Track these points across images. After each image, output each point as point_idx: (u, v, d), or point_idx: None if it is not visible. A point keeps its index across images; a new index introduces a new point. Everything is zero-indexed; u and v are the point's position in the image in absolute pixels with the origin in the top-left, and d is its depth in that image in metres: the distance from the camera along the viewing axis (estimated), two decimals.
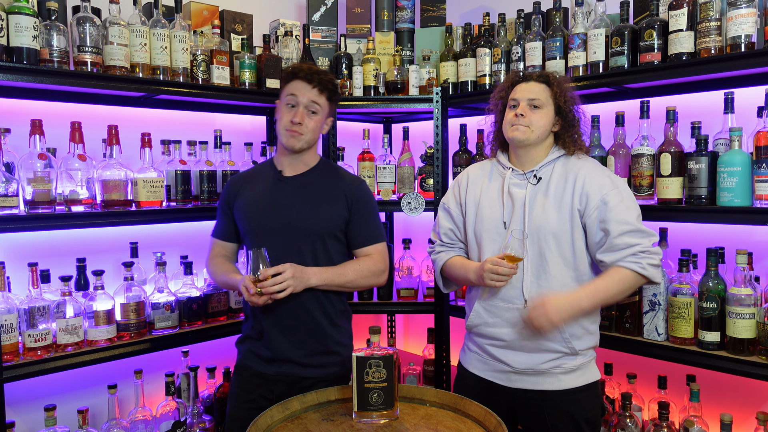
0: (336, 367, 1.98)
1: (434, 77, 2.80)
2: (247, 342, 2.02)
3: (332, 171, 2.06)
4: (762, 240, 2.18)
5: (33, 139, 2.02)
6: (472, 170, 2.02)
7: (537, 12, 2.51)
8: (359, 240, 2.00)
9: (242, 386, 1.98)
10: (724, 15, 1.96)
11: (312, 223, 1.94)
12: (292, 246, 1.92)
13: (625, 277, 1.72)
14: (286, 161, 2.01)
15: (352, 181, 2.03)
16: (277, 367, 1.95)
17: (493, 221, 1.86)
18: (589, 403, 1.82)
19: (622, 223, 1.73)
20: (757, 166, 1.87)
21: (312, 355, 1.94)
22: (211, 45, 2.48)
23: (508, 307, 1.81)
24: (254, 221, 1.97)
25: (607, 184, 1.77)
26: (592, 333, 1.84)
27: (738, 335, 1.93)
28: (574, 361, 1.80)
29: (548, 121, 1.82)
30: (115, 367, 2.43)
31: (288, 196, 1.97)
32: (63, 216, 2.06)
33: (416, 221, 3.38)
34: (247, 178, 2.08)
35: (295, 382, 1.93)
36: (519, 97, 1.83)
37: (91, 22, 2.08)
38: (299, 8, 3.24)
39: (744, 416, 2.20)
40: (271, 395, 1.94)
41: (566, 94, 1.83)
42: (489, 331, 1.85)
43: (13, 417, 2.17)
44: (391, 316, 3.31)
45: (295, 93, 1.92)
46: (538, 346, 1.79)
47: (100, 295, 2.16)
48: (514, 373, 1.83)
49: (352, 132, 3.28)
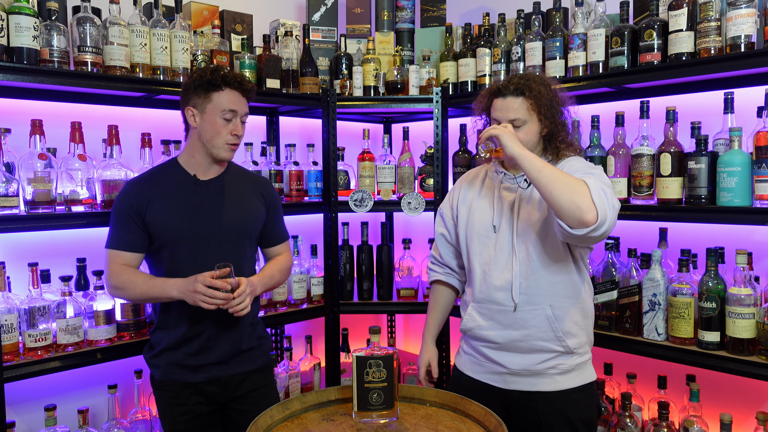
0: (262, 358, 2.03)
1: (434, 77, 2.80)
2: (165, 355, 1.91)
3: (242, 172, 2.08)
4: (762, 240, 2.18)
5: (33, 139, 2.02)
6: (467, 175, 2.03)
7: (537, 12, 2.51)
8: (275, 238, 2.09)
9: (173, 401, 1.91)
10: (724, 15, 1.96)
11: (242, 225, 1.95)
12: (226, 250, 1.89)
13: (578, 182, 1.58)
14: (204, 166, 1.94)
15: (266, 183, 2.11)
16: (206, 372, 1.91)
17: (483, 224, 1.86)
18: (585, 404, 1.81)
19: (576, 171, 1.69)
20: (757, 166, 1.87)
21: (239, 353, 1.95)
22: (211, 45, 2.48)
23: (500, 309, 1.80)
24: (181, 229, 1.87)
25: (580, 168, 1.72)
26: (584, 328, 1.82)
27: (738, 335, 1.93)
28: (570, 361, 1.79)
29: (533, 134, 1.77)
30: (115, 367, 2.43)
31: (211, 201, 1.92)
32: (63, 216, 2.06)
33: (416, 221, 3.38)
34: (152, 182, 1.92)
35: (227, 382, 1.94)
36: (499, 117, 1.78)
37: (92, 22, 2.09)
38: (299, 8, 3.24)
39: (744, 416, 2.20)
40: (205, 400, 1.93)
41: (547, 100, 1.75)
42: (482, 333, 1.84)
43: (13, 417, 2.17)
44: (391, 316, 3.31)
45: (234, 107, 1.86)
46: (532, 347, 1.78)
47: (101, 295, 2.16)
48: (509, 374, 1.82)
49: (352, 132, 3.28)
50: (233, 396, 1.96)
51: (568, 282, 1.78)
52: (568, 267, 1.78)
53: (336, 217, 2.74)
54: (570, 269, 1.79)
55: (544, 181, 1.58)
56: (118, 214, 1.89)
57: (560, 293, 1.77)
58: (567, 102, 1.82)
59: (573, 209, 1.54)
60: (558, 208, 1.56)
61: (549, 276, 1.77)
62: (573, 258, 1.79)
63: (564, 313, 1.77)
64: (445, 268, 2.06)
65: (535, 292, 1.77)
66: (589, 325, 1.85)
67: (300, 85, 2.75)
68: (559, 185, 1.56)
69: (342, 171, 2.79)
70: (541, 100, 1.74)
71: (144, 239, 1.89)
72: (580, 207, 1.53)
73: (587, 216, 1.53)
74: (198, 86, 1.86)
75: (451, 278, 2.05)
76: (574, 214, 1.54)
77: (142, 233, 1.89)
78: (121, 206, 1.89)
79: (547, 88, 1.76)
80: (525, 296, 1.77)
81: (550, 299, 1.77)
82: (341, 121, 2.98)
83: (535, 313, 1.77)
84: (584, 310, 1.82)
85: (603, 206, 1.54)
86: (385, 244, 2.84)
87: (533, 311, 1.77)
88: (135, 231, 1.88)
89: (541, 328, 1.77)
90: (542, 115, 1.75)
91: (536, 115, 1.76)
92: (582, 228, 1.55)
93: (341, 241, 2.82)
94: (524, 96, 1.74)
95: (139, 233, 1.89)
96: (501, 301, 1.80)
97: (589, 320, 1.86)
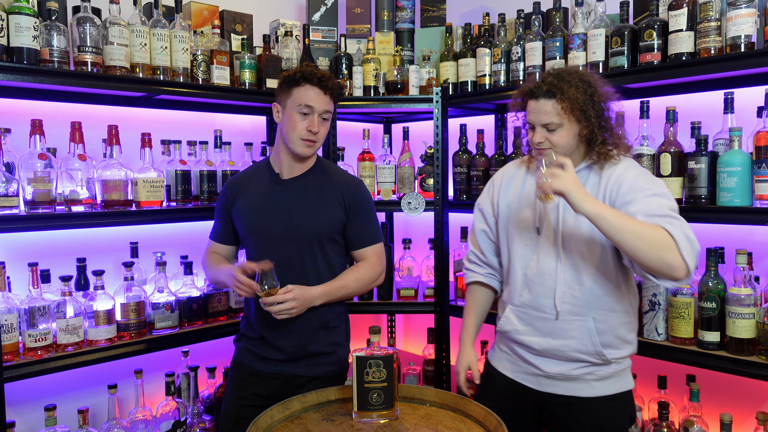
0: (331, 366, 1.98)
1: (434, 77, 2.80)
2: (244, 340, 2.03)
3: (329, 172, 2.03)
4: (762, 240, 2.18)
5: (33, 139, 2.02)
6: (507, 169, 1.91)
7: (537, 12, 2.51)
8: (358, 242, 2.00)
9: (237, 383, 2.00)
10: (724, 15, 1.96)
11: (310, 227, 1.93)
12: (292, 250, 1.92)
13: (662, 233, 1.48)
14: (287, 164, 1.98)
15: (349, 182, 2.01)
16: (273, 365, 1.95)
17: (525, 224, 1.77)
18: (619, 413, 1.74)
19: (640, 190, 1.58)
20: (757, 166, 1.87)
21: (307, 356, 1.94)
22: (211, 45, 2.48)
23: (540, 316, 1.72)
24: (253, 225, 1.96)
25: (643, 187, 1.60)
26: (629, 342, 1.74)
27: (738, 335, 1.93)
28: (608, 369, 1.72)
29: (570, 136, 1.65)
30: (115, 367, 2.43)
31: (286, 200, 1.95)
32: (63, 216, 2.06)
33: (416, 221, 3.38)
34: (244, 180, 2.06)
35: (290, 381, 1.94)
36: (533, 120, 1.68)
37: (92, 22, 2.09)
38: (299, 8, 3.24)
39: (744, 416, 2.20)
40: (266, 393, 1.95)
41: (582, 99, 1.62)
42: (520, 338, 1.77)
43: (13, 417, 2.17)
44: (391, 316, 3.31)
45: (311, 103, 1.87)
46: (569, 357, 1.71)
47: (101, 295, 2.16)
48: (544, 377, 1.76)
49: (352, 132, 3.28)
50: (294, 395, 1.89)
51: (615, 295, 1.69)
52: (616, 279, 1.69)
53: None
54: (618, 282, 1.69)
55: (627, 243, 1.48)
56: (216, 208, 2.10)
57: (604, 306, 1.69)
58: (611, 97, 1.69)
59: (662, 267, 1.47)
60: (645, 267, 1.50)
61: (595, 287, 1.68)
62: (622, 269, 1.69)
63: (606, 327, 1.69)
64: (487, 268, 1.95)
65: (578, 303, 1.68)
66: (632, 338, 1.76)
67: None
68: (643, 245, 1.46)
69: None
70: (575, 100, 1.61)
71: (230, 233, 2.07)
72: (670, 266, 1.46)
73: (677, 274, 1.47)
74: (283, 83, 1.93)
75: (492, 280, 1.95)
76: (664, 272, 1.48)
77: (230, 227, 2.06)
78: (218, 201, 2.09)
79: (583, 85, 1.63)
80: (568, 305, 1.69)
81: (593, 311, 1.68)
82: (341, 121, 2.98)
83: (576, 324, 1.68)
84: (629, 324, 1.74)
85: (692, 260, 1.47)
86: (385, 244, 2.83)
87: (574, 322, 1.69)
88: (223, 225, 2.07)
89: (580, 340, 1.69)
90: (579, 115, 1.63)
91: (572, 117, 1.63)
92: (671, 282, 1.51)
93: None
94: (556, 98, 1.62)
95: (227, 227, 2.06)
96: (542, 307, 1.72)
97: (633, 333, 1.76)
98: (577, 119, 1.64)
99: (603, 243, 1.66)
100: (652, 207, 1.54)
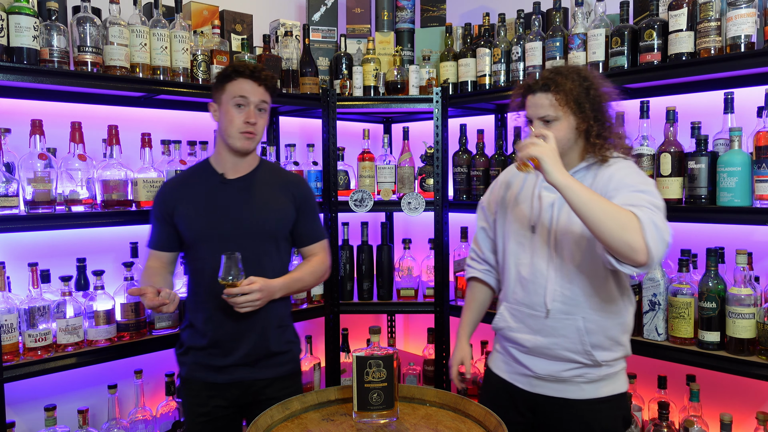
0: (289, 364, 1.99)
1: (434, 77, 2.80)
2: (191, 353, 1.94)
3: (274, 171, 2.04)
4: (762, 240, 2.18)
5: (33, 139, 2.02)
6: (510, 169, 1.92)
7: (537, 12, 2.51)
8: (308, 238, 2.02)
9: (194, 400, 1.92)
10: (724, 15, 1.96)
11: (265, 226, 1.91)
12: (247, 250, 1.86)
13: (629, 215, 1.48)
14: (230, 164, 1.94)
15: (297, 180, 2.05)
16: (229, 374, 1.90)
17: (521, 223, 1.78)
18: (610, 415, 1.73)
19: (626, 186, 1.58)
20: (757, 166, 1.87)
21: (266, 356, 1.92)
22: (211, 45, 2.48)
23: (531, 314, 1.73)
24: (203, 228, 1.90)
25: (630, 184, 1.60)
26: (621, 344, 1.72)
27: (738, 335, 1.93)
28: (598, 372, 1.71)
29: (568, 130, 1.65)
30: (115, 367, 2.43)
31: (236, 200, 1.91)
32: (63, 216, 2.06)
33: (416, 221, 3.38)
34: (182, 183, 1.98)
35: (249, 386, 1.92)
36: (531, 115, 1.69)
37: (92, 22, 2.09)
38: (299, 8, 3.24)
39: (744, 416, 2.20)
40: (227, 403, 1.92)
41: (578, 92, 1.63)
42: (512, 335, 1.78)
43: (13, 417, 2.17)
44: (391, 316, 3.31)
45: (245, 94, 1.86)
46: (558, 355, 1.70)
47: (100, 295, 2.16)
48: (535, 378, 1.76)
49: (352, 132, 3.28)
50: (255, 400, 1.92)
51: (606, 295, 1.69)
52: (607, 278, 1.68)
53: (336, 217, 2.74)
54: (609, 281, 1.69)
55: (592, 217, 1.47)
56: (152, 215, 1.99)
57: (595, 306, 1.68)
58: (611, 96, 1.70)
59: (623, 248, 1.45)
60: (607, 245, 1.48)
61: (586, 286, 1.68)
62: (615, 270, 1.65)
63: (597, 327, 1.68)
64: (485, 265, 1.97)
65: (569, 302, 1.68)
66: (625, 340, 1.74)
67: (300, 85, 2.75)
68: (608, 221, 1.45)
69: (342, 171, 2.79)
70: (570, 93, 1.62)
71: (172, 238, 1.97)
72: (632, 247, 1.45)
73: (639, 257, 1.45)
74: (217, 81, 1.92)
75: (490, 276, 1.96)
76: (625, 253, 1.46)
77: (172, 232, 1.96)
78: (153, 207, 1.99)
79: (579, 79, 1.64)
80: (558, 304, 1.69)
81: (584, 311, 1.68)
82: (341, 121, 2.98)
83: (566, 323, 1.69)
84: (622, 325, 1.72)
85: (656, 245, 1.46)
86: (385, 244, 2.84)
87: (564, 320, 1.69)
88: (165, 230, 1.96)
89: (570, 339, 1.68)
90: (575, 107, 1.63)
91: (568, 109, 1.63)
92: (631, 266, 1.49)
93: (341, 241, 2.82)
94: (551, 91, 1.64)
95: (169, 232, 1.96)
96: (533, 305, 1.73)
97: (627, 335, 1.75)
98: (573, 111, 1.64)
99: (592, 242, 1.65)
100: (633, 199, 1.53)
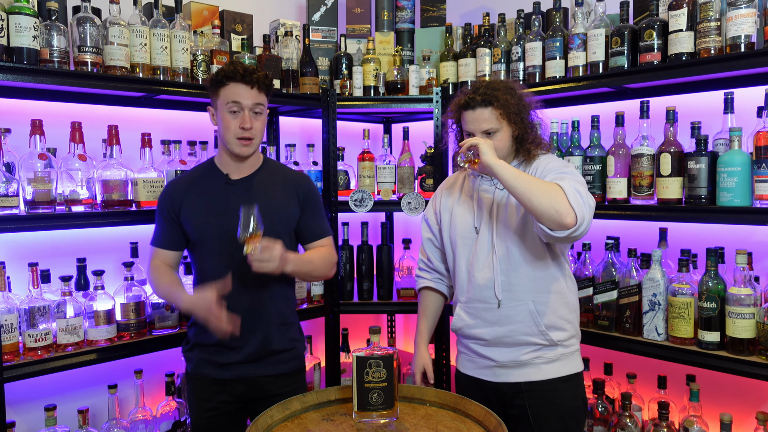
0: (293, 361, 2.00)
1: (434, 77, 2.80)
2: (197, 349, 1.96)
3: (278, 169, 2.05)
4: (762, 240, 2.18)
5: (33, 139, 2.02)
6: (447, 179, 2.09)
7: (537, 12, 2.51)
8: (312, 235, 2.03)
9: (200, 395, 1.95)
10: (724, 15, 1.96)
11: (271, 224, 1.89)
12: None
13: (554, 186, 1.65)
14: (233, 165, 1.96)
15: (300, 178, 2.06)
16: (234, 370, 1.92)
17: (465, 227, 1.91)
18: (571, 394, 1.86)
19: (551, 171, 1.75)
20: (757, 166, 1.87)
21: (269, 354, 1.95)
22: (211, 45, 2.48)
23: (485, 307, 1.85)
24: (210, 228, 1.91)
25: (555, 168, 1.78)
26: (570, 322, 1.87)
27: (738, 335, 1.93)
28: (555, 352, 1.84)
29: (507, 139, 1.83)
30: (115, 367, 2.43)
31: (240, 200, 1.89)
32: (63, 216, 2.06)
33: (416, 221, 3.38)
34: (188, 182, 1.99)
35: (254, 382, 1.94)
36: (473, 129, 1.82)
37: (92, 23, 2.09)
38: (299, 8, 3.24)
39: (744, 416, 2.20)
40: (231, 398, 1.94)
41: (514, 106, 1.80)
42: (471, 332, 1.90)
43: (13, 417, 2.17)
44: (391, 316, 3.31)
45: (237, 99, 1.85)
46: (517, 341, 1.83)
47: (101, 295, 2.16)
48: (497, 367, 1.87)
49: (352, 132, 3.28)
50: (259, 396, 1.95)
51: (549, 277, 1.84)
52: (547, 263, 1.84)
53: (336, 217, 2.74)
54: (549, 265, 1.84)
55: (521, 189, 1.63)
56: (157, 214, 2.00)
57: (542, 288, 1.83)
58: (534, 104, 1.88)
59: (552, 214, 1.60)
60: (538, 214, 1.63)
61: (530, 272, 1.82)
62: (552, 254, 1.85)
63: (546, 308, 1.82)
64: (435, 274, 2.09)
65: (517, 289, 1.82)
66: (574, 318, 1.89)
67: (300, 85, 2.75)
68: (535, 192, 1.62)
69: (342, 171, 2.79)
70: (509, 107, 1.79)
71: (178, 237, 1.98)
72: (558, 211, 1.60)
73: (566, 219, 1.60)
74: (210, 86, 1.92)
75: (440, 284, 2.09)
76: (554, 218, 1.60)
77: (178, 232, 1.97)
78: (159, 206, 1.99)
79: (513, 93, 1.82)
80: (508, 293, 1.83)
81: (532, 295, 1.82)
82: (341, 121, 2.98)
83: (518, 309, 1.82)
84: (568, 304, 1.87)
85: (580, 207, 1.61)
86: (385, 244, 2.84)
87: (516, 307, 1.82)
88: (170, 229, 1.97)
89: (525, 323, 1.82)
90: (512, 120, 1.81)
91: (506, 121, 1.81)
92: (562, 230, 1.62)
93: (341, 241, 2.82)
94: (493, 106, 1.79)
95: (174, 231, 1.97)
96: (485, 298, 1.85)
97: (574, 314, 1.90)
98: (512, 122, 1.81)
99: (530, 231, 1.81)
100: (557, 178, 1.69)
